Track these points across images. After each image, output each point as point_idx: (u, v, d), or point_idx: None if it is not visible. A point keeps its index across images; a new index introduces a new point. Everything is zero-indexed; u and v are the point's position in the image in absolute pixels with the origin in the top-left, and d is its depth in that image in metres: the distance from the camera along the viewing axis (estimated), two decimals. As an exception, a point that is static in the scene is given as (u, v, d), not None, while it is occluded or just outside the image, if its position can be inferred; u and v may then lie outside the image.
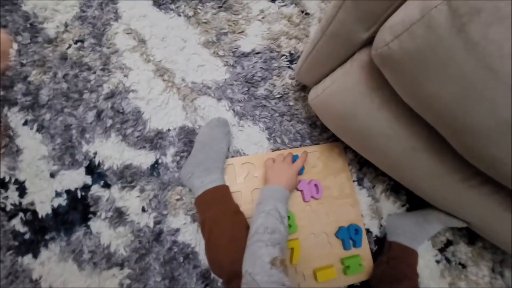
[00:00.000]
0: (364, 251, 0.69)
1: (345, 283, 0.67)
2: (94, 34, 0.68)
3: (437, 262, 0.74)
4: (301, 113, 0.76)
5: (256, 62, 0.76)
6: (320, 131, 0.75)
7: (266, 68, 0.76)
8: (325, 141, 0.75)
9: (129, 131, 0.65)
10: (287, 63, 0.77)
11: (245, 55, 0.76)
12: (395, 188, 0.76)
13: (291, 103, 0.76)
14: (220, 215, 0.55)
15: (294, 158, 0.69)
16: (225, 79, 0.73)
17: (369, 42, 0.42)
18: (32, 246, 0.56)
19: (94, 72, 0.66)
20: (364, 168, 0.75)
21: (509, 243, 0.56)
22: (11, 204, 0.57)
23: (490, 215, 0.53)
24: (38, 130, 0.61)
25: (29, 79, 0.62)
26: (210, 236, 0.54)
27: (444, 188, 0.53)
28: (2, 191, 0.57)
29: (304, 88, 0.77)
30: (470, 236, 0.78)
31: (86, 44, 0.67)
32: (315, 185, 0.70)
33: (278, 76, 0.76)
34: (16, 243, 0.56)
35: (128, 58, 0.69)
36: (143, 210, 0.62)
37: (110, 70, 0.67)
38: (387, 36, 0.34)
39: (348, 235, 0.69)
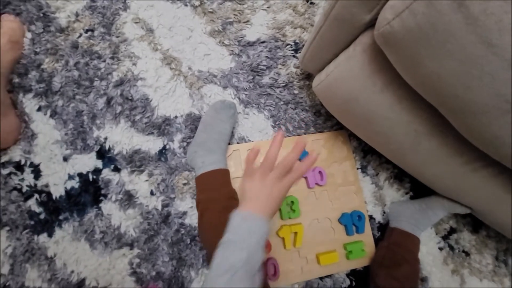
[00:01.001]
0: (367, 237, 0.71)
1: (348, 268, 0.68)
2: (103, 24, 0.70)
3: (440, 249, 0.75)
4: (306, 102, 0.76)
5: (261, 51, 0.77)
6: (324, 119, 0.76)
7: (271, 57, 0.77)
8: (330, 129, 0.76)
9: (137, 117, 0.67)
10: (292, 52, 0.78)
11: (251, 44, 0.77)
12: (399, 176, 0.77)
13: (295, 92, 0.77)
14: (212, 199, 0.56)
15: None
16: (231, 67, 0.75)
17: (371, 25, 0.43)
18: (47, 226, 0.59)
19: (104, 61, 0.68)
20: (368, 156, 0.76)
21: (505, 223, 0.57)
22: (27, 185, 0.60)
23: (492, 198, 0.53)
24: (51, 116, 0.63)
25: (42, 66, 0.65)
26: (201, 218, 0.57)
27: (447, 172, 0.53)
28: (19, 173, 0.60)
29: (308, 77, 0.77)
30: (474, 224, 0.78)
31: (96, 33, 0.69)
32: (320, 172, 0.71)
33: (283, 65, 0.77)
34: (32, 223, 0.58)
35: (136, 47, 0.70)
36: (152, 193, 0.64)
37: (119, 58, 0.69)
38: (388, 15, 0.34)
39: (351, 221, 0.70)
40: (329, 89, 0.56)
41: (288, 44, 0.78)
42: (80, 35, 0.68)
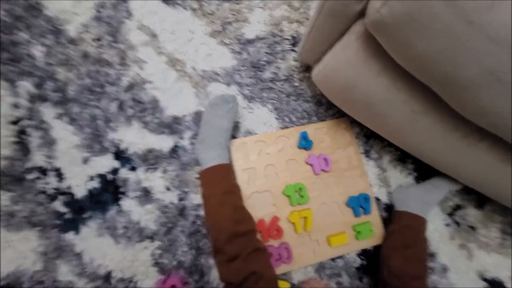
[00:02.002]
0: (374, 217, 0.73)
1: (358, 248, 0.71)
2: (110, 32, 0.74)
3: (447, 225, 0.77)
4: (307, 93, 0.79)
5: (260, 47, 0.80)
6: (326, 108, 0.79)
7: (270, 53, 0.80)
8: (331, 118, 0.79)
9: (148, 118, 0.71)
10: (290, 46, 0.81)
11: (250, 41, 0.80)
12: (402, 158, 0.79)
13: (296, 84, 0.80)
14: (210, 195, 0.60)
15: (303, 134, 0.74)
16: (233, 65, 0.78)
17: (362, 14, 0.46)
18: (73, 224, 0.63)
19: (113, 67, 0.72)
20: (371, 140, 0.79)
21: (505, 196, 0.59)
22: (52, 188, 0.64)
23: (490, 170, 0.55)
24: (69, 122, 0.67)
25: (56, 77, 0.69)
26: (204, 211, 0.60)
27: (445, 148, 0.56)
28: (43, 177, 0.64)
29: (307, 69, 0.80)
30: (479, 200, 0.80)
31: (104, 42, 0.73)
32: (324, 158, 0.74)
33: (282, 59, 0.80)
34: (59, 222, 0.63)
35: (142, 52, 0.74)
36: (167, 189, 0.68)
37: (127, 64, 0.73)
38: (377, 3, 0.37)
39: (358, 203, 0.73)
40: (327, 78, 0.59)
41: (286, 39, 0.81)
42: (90, 45, 0.72)
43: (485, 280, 0.76)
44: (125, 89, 0.71)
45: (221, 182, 0.61)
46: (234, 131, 0.74)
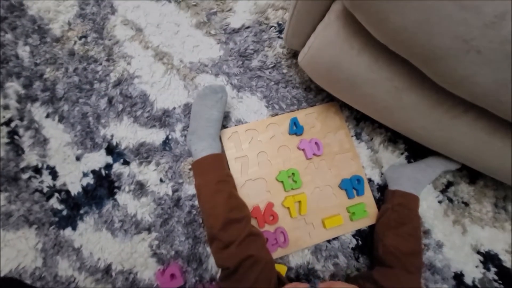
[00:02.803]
0: (368, 198, 0.74)
1: (353, 228, 0.73)
2: (95, 29, 0.74)
3: (440, 202, 0.78)
4: (295, 79, 0.80)
5: (247, 36, 0.80)
6: (315, 93, 0.79)
7: (257, 41, 0.80)
8: (321, 102, 0.79)
9: (138, 113, 0.71)
10: (277, 33, 0.81)
11: (236, 31, 0.80)
12: (393, 139, 0.80)
13: (284, 71, 0.80)
14: (203, 184, 0.60)
15: (293, 120, 0.74)
16: (220, 55, 0.78)
17: (341, -9, 0.46)
18: (70, 220, 0.64)
19: (100, 64, 0.72)
20: (361, 123, 0.79)
21: (499, 169, 0.60)
22: (47, 186, 0.65)
23: (477, 143, 0.56)
24: (59, 121, 0.68)
25: (44, 76, 0.69)
26: (198, 202, 0.61)
27: (432, 124, 0.57)
28: (38, 176, 0.65)
29: (294, 55, 0.81)
30: (471, 176, 0.81)
31: (89, 39, 0.73)
32: (316, 143, 0.75)
33: (269, 47, 0.80)
34: (56, 219, 0.64)
35: (128, 47, 0.74)
36: (161, 181, 0.68)
37: (114, 59, 0.73)
38: (351, -22, 0.38)
39: (351, 185, 0.74)
40: (312, 60, 0.59)
41: (272, 26, 0.81)
42: (75, 42, 0.72)
43: (480, 253, 0.77)
44: (114, 85, 0.72)
45: (213, 171, 0.61)
46: (225, 121, 0.74)
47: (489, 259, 0.77)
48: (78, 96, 0.70)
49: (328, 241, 0.71)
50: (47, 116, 0.68)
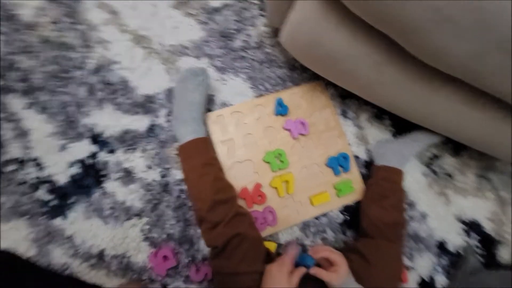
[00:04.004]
0: (354, 175, 0.76)
1: (340, 204, 0.75)
2: (68, 14, 0.70)
3: (424, 175, 0.80)
4: (279, 58, 0.78)
5: (228, 15, 0.77)
6: (300, 72, 0.78)
7: (239, 20, 0.78)
8: (306, 81, 0.79)
9: (120, 100, 0.70)
10: (259, 11, 0.79)
11: (217, 10, 0.77)
12: (379, 115, 0.80)
13: (268, 50, 0.78)
14: (190, 169, 0.61)
15: (278, 101, 0.74)
16: (201, 37, 0.76)
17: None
18: (59, 210, 0.65)
19: (76, 50, 0.70)
20: (347, 100, 0.79)
21: (480, 139, 0.61)
22: (33, 178, 0.65)
23: (457, 115, 0.57)
24: (39, 111, 0.67)
25: (19, 66, 0.67)
26: (186, 185, 0.62)
27: (413, 97, 0.57)
28: (22, 168, 0.65)
29: (278, 34, 0.78)
30: (455, 148, 0.83)
31: (62, 24, 0.70)
32: (301, 122, 0.75)
33: (252, 25, 0.78)
34: (46, 209, 0.64)
35: (104, 31, 0.72)
36: (148, 167, 0.69)
37: (91, 45, 0.71)
38: None
39: (337, 162, 0.75)
40: (292, 37, 0.58)
41: (254, 3, 0.78)
42: (48, 29, 0.69)
43: (463, 222, 0.80)
44: (92, 72, 0.70)
45: (198, 155, 0.62)
46: (210, 104, 0.74)
47: (471, 227, 0.81)
48: (57, 85, 0.68)
49: (316, 217, 0.73)
50: (26, 107, 0.66)
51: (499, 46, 0.35)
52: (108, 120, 0.69)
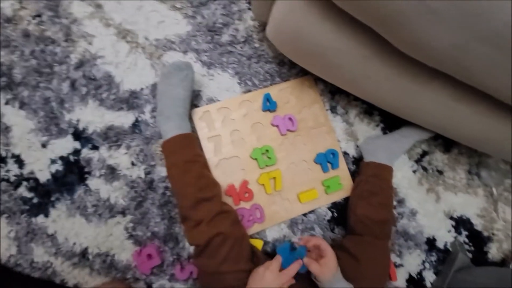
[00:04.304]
0: (342, 171, 0.75)
1: (328, 201, 0.74)
2: (49, 7, 0.69)
3: (414, 172, 0.79)
4: (268, 53, 0.77)
5: (215, 9, 0.76)
6: (288, 68, 0.77)
7: (226, 14, 0.76)
8: (295, 77, 0.77)
9: (104, 95, 0.68)
10: (247, 4, 0.77)
11: (203, 3, 0.76)
12: (369, 111, 0.79)
13: (256, 45, 0.77)
14: (172, 165, 0.59)
15: (266, 97, 0.73)
16: (188, 31, 0.74)
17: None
18: (41, 208, 0.63)
19: (59, 45, 0.68)
20: (336, 96, 0.78)
21: (469, 135, 0.60)
22: (14, 175, 0.63)
23: (445, 110, 0.56)
24: (20, 107, 0.65)
25: (-1, 60, 0.65)
26: (169, 181, 0.61)
27: (401, 92, 0.56)
28: (3, 165, 0.63)
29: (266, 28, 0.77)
30: (446, 144, 0.82)
31: (44, 18, 0.68)
32: (290, 118, 0.73)
33: (240, 19, 0.77)
34: (27, 207, 0.63)
35: (88, 25, 0.70)
36: (133, 164, 0.67)
37: (74, 40, 0.69)
38: None
39: (326, 159, 0.74)
40: (277, 31, 0.56)
41: (241, -3, 0.77)
42: (29, 22, 0.68)
43: (452, 218, 0.80)
44: (75, 67, 0.68)
45: (182, 152, 0.60)
46: (196, 100, 0.72)
47: (461, 223, 0.80)
48: (38, 81, 0.66)
49: (304, 214, 0.73)
50: (7, 103, 0.65)
51: (483, 37, 0.34)
52: (92, 116, 0.68)
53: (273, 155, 0.71)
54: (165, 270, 0.65)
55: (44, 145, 0.65)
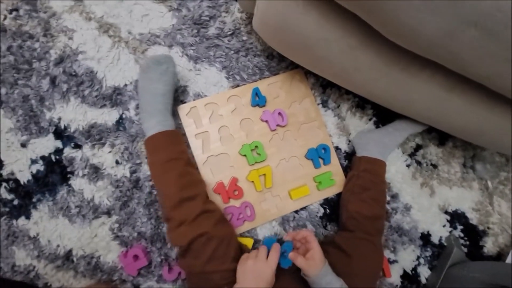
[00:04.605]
0: (334, 166, 0.73)
1: (320, 198, 0.72)
2: (27, 0, 0.66)
3: (408, 166, 0.78)
4: (256, 46, 0.75)
5: (201, 1, 0.73)
6: (278, 61, 0.75)
7: (212, 6, 0.73)
8: (285, 70, 0.75)
9: (86, 92, 0.66)
10: (234, -4, 0.74)
11: (189, -5, 0.73)
12: (361, 104, 0.77)
13: (244, 38, 0.74)
14: (154, 163, 0.58)
15: (255, 91, 0.71)
16: (173, 24, 0.72)
17: None
18: (22, 210, 0.61)
19: (37, 40, 0.65)
20: (327, 89, 0.76)
21: (462, 127, 0.59)
22: (-7, 176, 0.61)
23: (437, 101, 0.54)
24: (-2, 106, 0.63)
25: (-26, 57, 0.63)
26: (153, 181, 0.60)
27: (390, 83, 0.54)
28: (-19, 166, 0.61)
29: (254, 20, 0.75)
30: (440, 138, 0.80)
31: (21, 12, 0.65)
32: (279, 113, 0.71)
33: (227, 12, 0.74)
34: (7, 209, 0.61)
35: (68, 19, 0.67)
36: (117, 162, 0.65)
37: (53, 34, 0.66)
38: None
39: (317, 154, 0.72)
40: (262, 21, 0.54)
41: (228, -12, 0.74)
42: (5, 17, 0.65)
43: (447, 213, 0.79)
44: (55, 63, 0.65)
45: (163, 150, 0.58)
46: (183, 96, 0.70)
47: (456, 217, 0.79)
48: (16, 78, 0.64)
49: (296, 211, 0.71)
50: (-17, 101, 0.62)
51: (471, 21, 0.32)
52: (74, 113, 0.65)
53: (262, 152, 0.69)
54: (152, 271, 0.63)
55: (24, 145, 0.63)
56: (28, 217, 0.61)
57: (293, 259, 0.53)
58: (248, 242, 0.66)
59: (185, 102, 0.70)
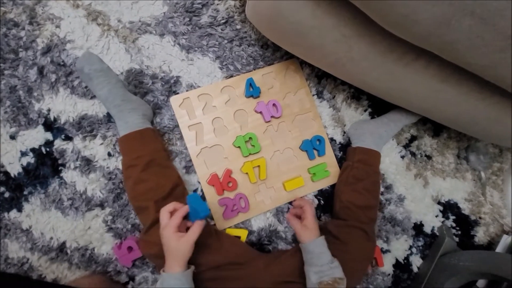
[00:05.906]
0: (329, 158, 0.73)
1: (314, 189, 0.72)
2: (10, -14, 0.63)
3: (402, 157, 0.78)
4: (250, 36, 0.73)
5: (193, -13, 0.71)
6: (272, 51, 0.73)
7: (205, -7, 0.71)
8: (280, 60, 0.74)
9: (76, 82, 0.64)
10: (227, -18, 0.72)
11: (180, -18, 0.70)
12: (356, 95, 0.77)
13: (238, 27, 0.73)
14: (125, 166, 0.57)
15: (249, 82, 0.69)
16: (164, 12, 0.70)
17: None
18: (14, 202, 0.61)
19: (23, 28, 0.63)
20: (323, 80, 0.75)
21: (456, 117, 0.58)
22: (-18, 169, 0.60)
23: (431, 92, 0.54)
24: (-16, 97, 0.61)
25: (-43, 46, 0.61)
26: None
27: (384, 73, 0.53)
28: (-31, 159, 0.60)
29: (248, 7, 0.72)
30: (435, 129, 0.80)
31: (5, -2, 0.63)
32: (274, 104, 0.71)
33: (220, -1, 0.72)
34: (-2, 202, 0.60)
35: (54, 6, 0.65)
36: (109, 154, 0.64)
37: (39, 22, 0.64)
38: None
39: (312, 146, 0.71)
40: (255, 9, 0.53)
41: (221, -26, 0.71)
42: (-12, 4, 0.62)
43: (440, 203, 0.79)
44: (43, 52, 0.64)
45: (124, 154, 0.59)
46: (175, 86, 0.69)
47: (448, 208, 0.80)
48: (2, 67, 0.62)
49: (290, 203, 0.71)
50: (-31, 92, 0.61)
51: (467, 10, 0.31)
52: (63, 105, 0.64)
53: (257, 143, 0.69)
54: (147, 262, 0.64)
55: (13, 137, 0.62)
56: (19, 209, 0.61)
57: (289, 220, 0.58)
58: (242, 233, 0.67)
59: (178, 93, 0.69)
